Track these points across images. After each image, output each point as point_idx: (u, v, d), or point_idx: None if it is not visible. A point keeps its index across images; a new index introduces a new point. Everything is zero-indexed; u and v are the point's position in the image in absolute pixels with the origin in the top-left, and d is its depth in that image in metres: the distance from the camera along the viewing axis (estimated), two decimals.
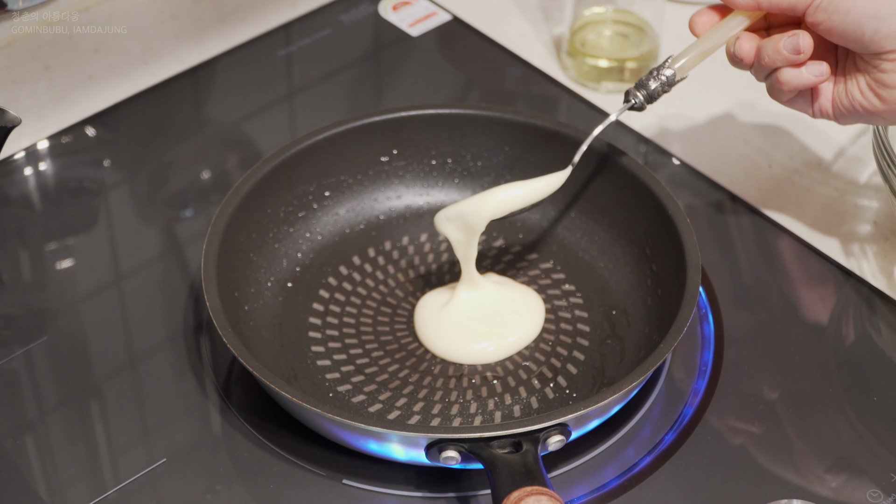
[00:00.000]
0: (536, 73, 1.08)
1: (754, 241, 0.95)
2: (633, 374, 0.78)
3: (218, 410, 0.84)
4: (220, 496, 0.79)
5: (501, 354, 0.87)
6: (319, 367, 0.86)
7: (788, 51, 0.81)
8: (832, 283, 0.92)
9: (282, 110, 1.07)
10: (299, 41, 1.11)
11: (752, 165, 1.00)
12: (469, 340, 0.87)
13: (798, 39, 0.80)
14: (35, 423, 0.84)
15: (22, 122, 0.89)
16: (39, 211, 0.99)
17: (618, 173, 0.90)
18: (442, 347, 0.87)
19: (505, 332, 0.87)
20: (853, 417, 0.83)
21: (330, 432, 0.79)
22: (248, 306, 0.87)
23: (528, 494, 0.71)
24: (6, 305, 0.91)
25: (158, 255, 0.95)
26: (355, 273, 0.92)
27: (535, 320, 0.88)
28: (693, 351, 0.87)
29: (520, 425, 0.75)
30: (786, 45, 0.80)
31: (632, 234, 0.90)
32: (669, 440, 0.82)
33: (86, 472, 0.81)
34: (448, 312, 0.88)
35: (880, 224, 0.95)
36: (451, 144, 0.95)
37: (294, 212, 0.92)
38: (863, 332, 0.90)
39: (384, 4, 1.14)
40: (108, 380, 0.86)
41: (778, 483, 0.80)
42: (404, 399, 0.84)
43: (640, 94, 0.84)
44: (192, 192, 1.00)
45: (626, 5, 1.07)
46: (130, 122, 1.05)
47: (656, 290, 0.87)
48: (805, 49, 0.80)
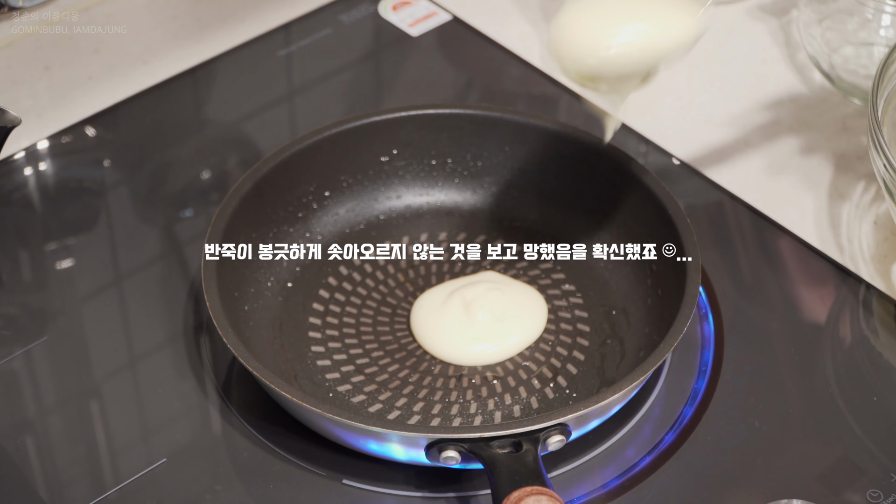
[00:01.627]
0: (536, 73, 1.08)
1: (754, 241, 0.95)
2: (633, 374, 0.78)
3: (218, 410, 0.84)
4: (220, 496, 0.79)
5: (502, 356, 0.87)
6: (319, 367, 0.86)
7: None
8: (832, 283, 0.92)
9: (282, 110, 1.07)
10: (299, 41, 1.11)
11: (752, 165, 1.00)
12: (469, 342, 0.87)
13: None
14: (35, 423, 0.84)
15: (22, 122, 0.89)
16: (39, 211, 0.99)
17: (618, 173, 0.90)
18: (441, 350, 0.87)
19: (506, 334, 0.87)
20: (853, 417, 0.83)
21: (330, 432, 0.79)
22: (248, 306, 0.87)
23: (528, 494, 0.71)
24: (6, 305, 0.91)
25: (158, 255, 0.95)
26: (355, 273, 0.92)
27: (537, 321, 0.88)
28: (693, 351, 0.87)
29: (520, 425, 0.75)
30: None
31: (632, 234, 0.90)
32: (669, 440, 0.82)
33: (86, 472, 0.81)
34: (446, 313, 0.88)
35: (880, 224, 0.95)
36: (451, 144, 0.95)
37: (294, 212, 0.92)
38: (863, 332, 0.90)
39: (384, 4, 1.14)
40: (108, 380, 0.86)
41: (778, 483, 0.80)
42: (404, 399, 0.84)
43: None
44: (192, 192, 1.00)
45: None
46: (130, 122, 1.05)
47: (656, 290, 0.87)
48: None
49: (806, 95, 1.05)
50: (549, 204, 0.94)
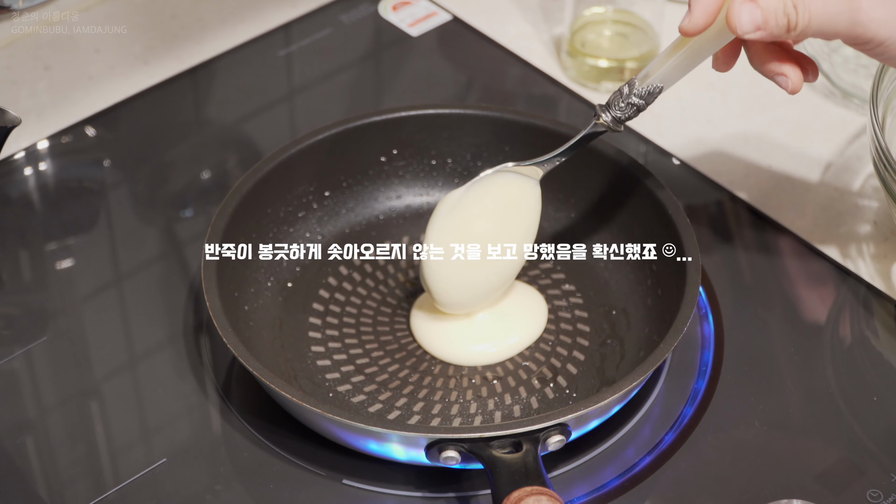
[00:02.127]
0: (536, 73, 1.08)
1: (754, 241, 0.95)
2: (633, 374, 0.78)
3: (218, 410, 0.84)
4: (220, 496, 0.79)
5: (502, 356, 0.87)
6: (319, 367, 0.86)
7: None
8: (832, 283, 0.92)
9: (282, 110, 1.07)
10: (299, 41, 1.11)
11: (752, 165, 1.00)
12: (469, 342, 0.87)
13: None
14: (35, 423, 0.84)
15: (22, 122, 0.89)
16: (39, 211, 0.99)
17: (618, 173, 0.90)
18: (441, 350, 0.87)
19: (506, 334, 0.87)
20: (853, 417, 0.83)
21: (330, 432, 0.79)
22: (248, 306, 0.87)
23: (528, 494, 0.71)
24: (6, 305, 0.91)
25: (158, 255, 0.95)
26: (355, 273, 0.92)
27: (537, 321, 0.88)
28: (693, 351, 0.87)
29: (520, 425, 0.75)
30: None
31: (632, 234, 0.90)
32: (669, 440, 0.82)
33: (86, 472, 0.81)
34: (446, 313, 0.87)
35: (880, 224, 0.95)
36: (451, 144, 0.95)
37: (294, 212, 0.92)
38: (862, 332, 0.90)
39: (384, 4, 1.14)
40: (108, 380, 0.86)
41: (778, 483, 0.79)
42: (404, 399, 0.84)
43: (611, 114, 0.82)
44: (192, 192, 1.00)
45: (626, 5, 1.07)
46: (130, 122, 1.05)
47: (656, 290, 0.87)
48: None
49: (806, 95, 1.05)
50: (549, 204, 0.94)
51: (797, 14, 0.76)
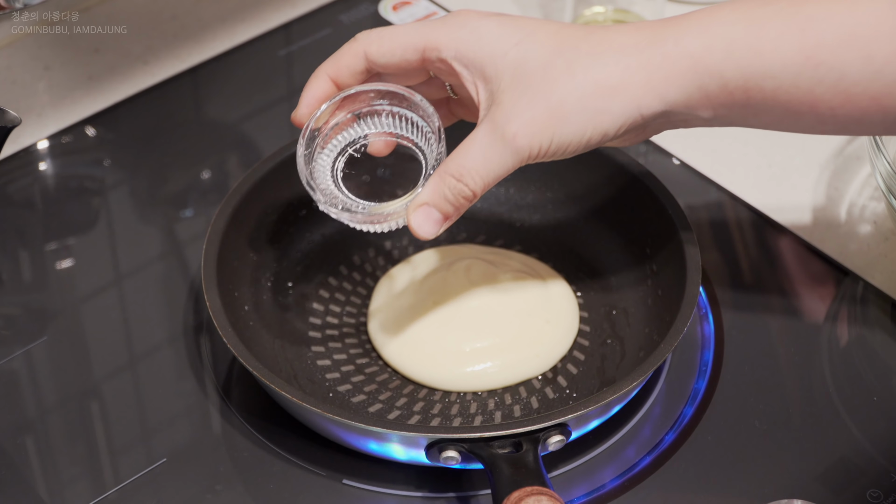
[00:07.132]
0: None
1: (754, 241, 0.95)
2: (633, 374, 0.78)
3: (218, 410, 0.84)
4: (220, 496, 0.79)
5: (506, 381, 0.85)
6: (319, 367, 0.86)
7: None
8: (832, 283, 0.92)
9: (282, 110, 1.07)
10: (299, 41, 1.12)
11: (752, 165, 1.00)
12: (458, 364, 0.85)
13: None
14: (35, 423, 0.84)
15: (22, 122, 0.89)
16: (39, 211, 0.99)
17: (618, 173, 0.90)
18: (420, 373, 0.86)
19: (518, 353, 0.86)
20: (853, 417, 0.83)
21: (330, 432, 0.79)
22: (248, 306, 0.87)
23: (528, 494, 0.71)
24: (6, 305, 0.91)
25: (158, 255, 0.95)
26: (355, 273, 0.92)
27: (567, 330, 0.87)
28: (693, 351, 0.87)
29: (520, 425, 0.75)
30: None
31: (632, 234, 0.90)
32: (669, 440, 0.82)
33: (86, 472, 0.81)
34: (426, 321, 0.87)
35: (880, 224, 0.95)
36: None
37: (294, 211, 0.92)
38: (862, 332, 0.90)
39: (384, 4, 1.14)
40: (108, 380, 0.86)
41: (778, 483, 0.80)
42: (404, 399, 0.84)
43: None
44: (192, 192, 1.00)
45: (626, 5, 1.07)
46: (130, 122, 1.05)
47: (656, 290, 0.87)
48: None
49: None
50: (548, 204, 0.94)
51: (466, 184, 0.74)
